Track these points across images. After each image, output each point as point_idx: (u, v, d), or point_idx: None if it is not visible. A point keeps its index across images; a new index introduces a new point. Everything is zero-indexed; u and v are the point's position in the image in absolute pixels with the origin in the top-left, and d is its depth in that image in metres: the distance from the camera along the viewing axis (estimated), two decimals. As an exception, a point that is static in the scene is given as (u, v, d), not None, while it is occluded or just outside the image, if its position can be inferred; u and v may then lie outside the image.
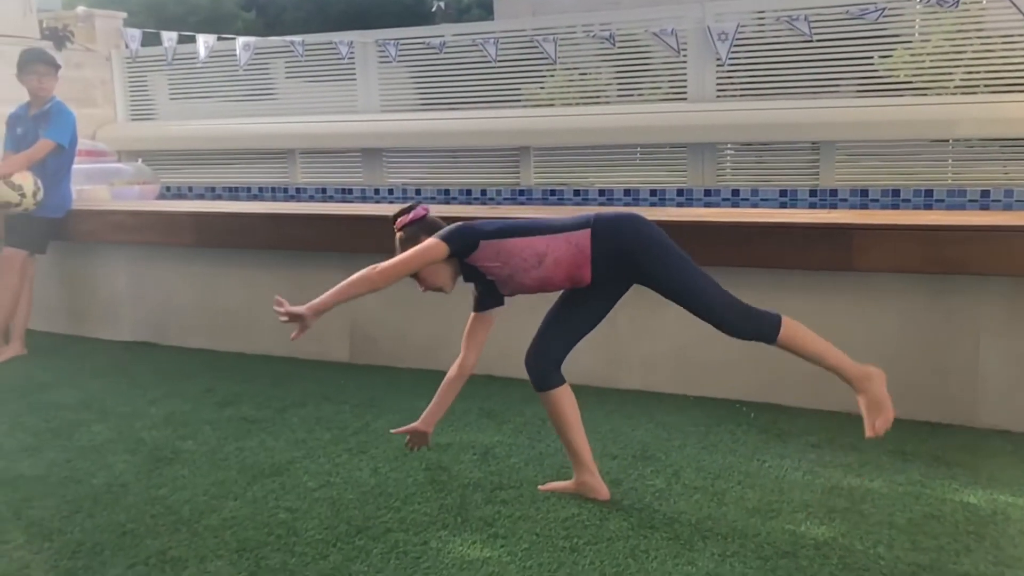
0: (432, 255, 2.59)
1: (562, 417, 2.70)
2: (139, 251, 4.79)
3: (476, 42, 6.36)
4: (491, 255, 2.61)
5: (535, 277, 2.60)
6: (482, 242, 2.61)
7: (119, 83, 7.75)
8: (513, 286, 2.67)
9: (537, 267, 2.58)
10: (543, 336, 2.78)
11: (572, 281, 2.63)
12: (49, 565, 2.33)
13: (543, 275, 2.59)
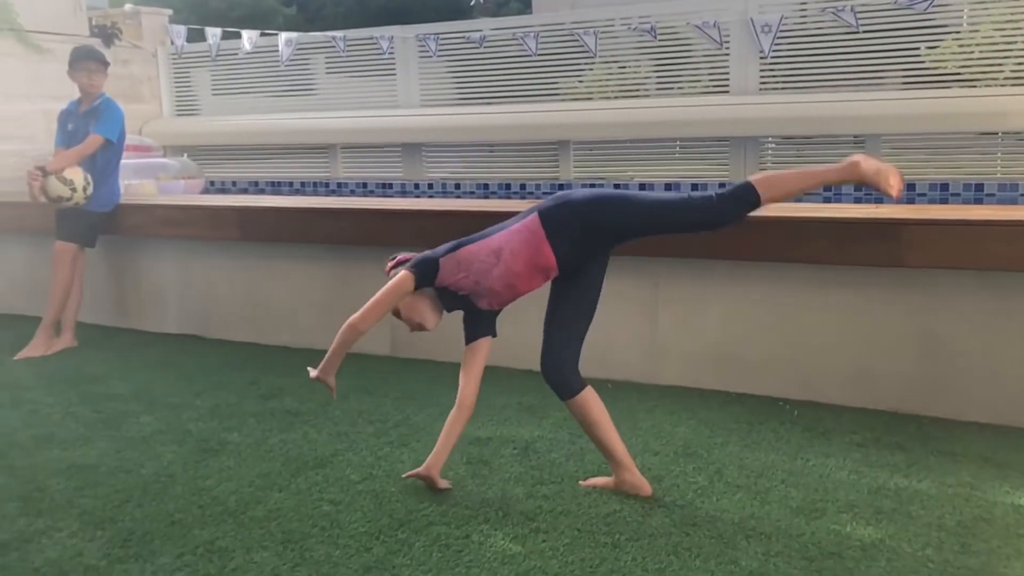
0: (401, 287, 2.62)
1: (591, 418, 2.70)
2: (185, 245, 4.87)
3: (516, 36, 6.36)
4: (453, 269, 2.63)
5: (499, 275, 2.60)
6: (441, 260, 2.63)
7: (164, 79, 7.88)
8: (484, 293, 2.66)
9: (497, 263, 2.59)
10: (550, 346, 2.76)
11: (539, 269, 2.60)
12: (102, 553, 2.38)
13: (505, 270, 2.59)
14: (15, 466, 2.99)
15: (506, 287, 2.64)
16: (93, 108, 4.70)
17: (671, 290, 3.70)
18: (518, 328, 4.00)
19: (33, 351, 4.48)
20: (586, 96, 6.43)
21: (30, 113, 6.58)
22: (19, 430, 3.35)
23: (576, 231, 2.58)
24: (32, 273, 5.30)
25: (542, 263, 2.59)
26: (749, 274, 3.55)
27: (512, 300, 2.74)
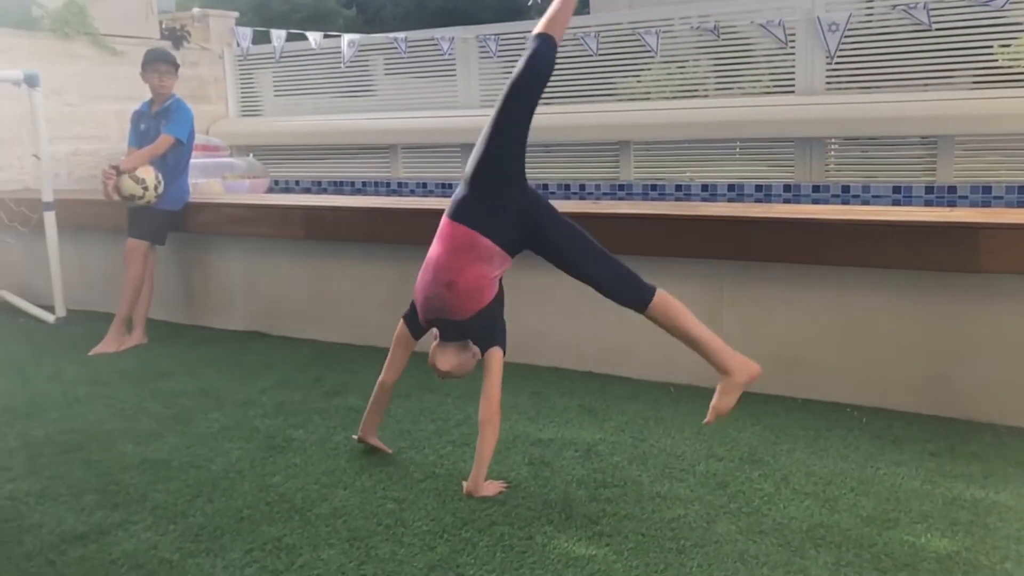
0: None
1: (678, 319, 2.70)
2: (251, 243, 4.97)
3: (577, 36, 6.33)
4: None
5: (462, 298, 2.67)
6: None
7: (230, 80, 8.05)
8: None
9: (451, 293, 2.67)
10: (597, 282, 2.76)
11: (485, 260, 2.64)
12: (175, 547, 2.44)
13: (462, 291, 2.66)
14: (92, 459, 3.09)
15: (474, 298, 2.66)
16: (164, 109, 4.82)
17: (736, 293, 3.65)
18: (577, 329, 4.00)
19: (106, 347, 4.62)
20: (644, 96, 6.38)
21: (104, 113, 6.79)
22: (95, 424, 3.46)
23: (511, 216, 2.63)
24: (106, 270, 5.47)
25: (484, 255, 2.62)
26: (816, 278, 3.47)
27: (492, 292, 2.71)
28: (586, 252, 2.72)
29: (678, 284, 3.73)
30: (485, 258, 2.65)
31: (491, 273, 2.68)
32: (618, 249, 3.80)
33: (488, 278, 2.68)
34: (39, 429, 3.41)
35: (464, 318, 2.71)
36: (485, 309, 2.71)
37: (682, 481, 2.78)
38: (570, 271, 2.76)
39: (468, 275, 2.65)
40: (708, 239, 3.60)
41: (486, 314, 2.73)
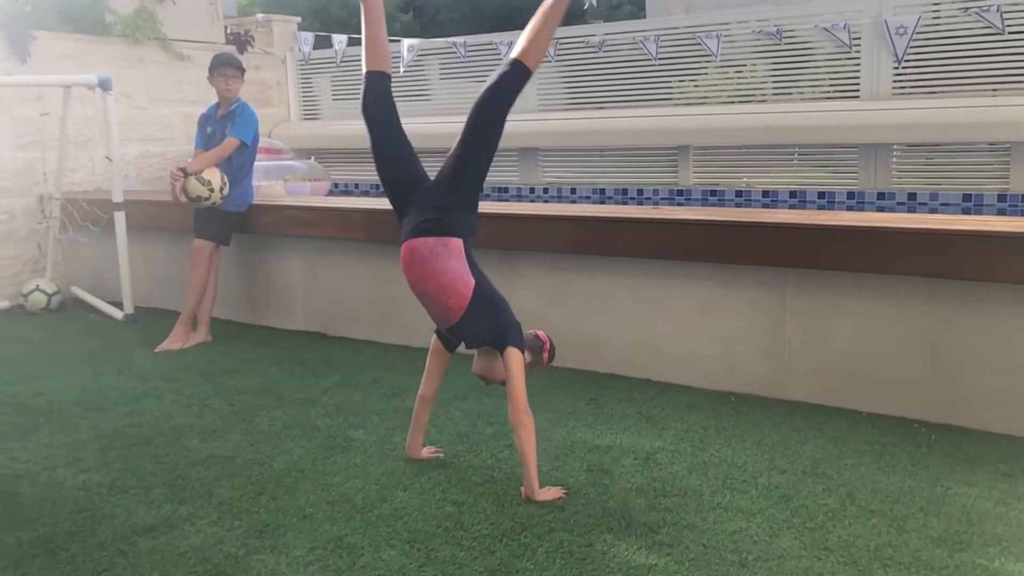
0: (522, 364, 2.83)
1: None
2: (313, 245, 5.04)
3: (636, 39, 6.30)
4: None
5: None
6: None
7: (292, 84, 8.20)
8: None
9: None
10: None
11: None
12: (240, 542, 2.49)
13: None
14: (160, 453, 3.17)
15: (452, 295, 2.78)
16: (230, 112, 4.93)
17: (799, 301, 3.58)
18: (634, 335, 3.97)
19: (171, 344, 4.73)
20: (700, 100, 6.32)
21: (171, 116, 6.97)
22: (162, 420, 3.55)
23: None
24: (172, 269, 5.61)
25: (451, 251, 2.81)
26: (883, 287, 3.39)
27: (466, 285, 2.79)
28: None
29: (739, 291, 3.70)
30: (451, 254, 2.78)
31: (454, 267, 2.77)
32: (679, 255, 3.80)
33: (453, 272, 2.76)
34: (109, 422, 3.52)
35: (456, 319, 2.80)
36: (472, 307, 2.77)
37: (743, 493, 2.74)
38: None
39: (435, 278, 2.77)
40: (771, 246, 3.54)
41: (476, 312, 2.78)
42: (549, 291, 4.23)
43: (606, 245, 3.99)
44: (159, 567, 2.36)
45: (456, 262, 2.78)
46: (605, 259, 4.03)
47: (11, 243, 6.02)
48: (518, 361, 2.78)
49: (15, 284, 5.94)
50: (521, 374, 2.77)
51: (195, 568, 2.35)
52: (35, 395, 3.91)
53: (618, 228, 3.98)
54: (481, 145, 2.85)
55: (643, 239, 3.88)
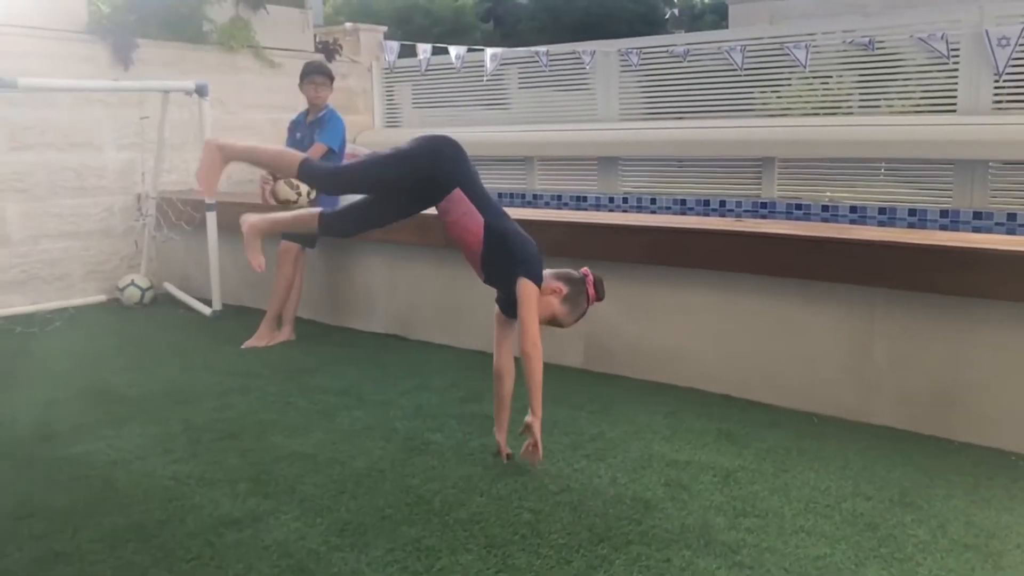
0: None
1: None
2: (394, 250, 5.13)
3: (721, 49, 6.23)
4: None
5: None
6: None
7: (377, 92, 8.36)
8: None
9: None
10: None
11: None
12: (321, 539, 2.54)
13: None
14: (246, 448, 3.27)
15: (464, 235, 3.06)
16: (319, 119, 5.06)
17: (889, 323, 3.47)
18: (715, 350, 3.91)
19: (257, 342, 4.87)
20: (783, 112, 6.21)
21: (261, 122, 7.19)
22: (247, 415, 3.65)
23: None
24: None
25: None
26: (981, 312, 3.26)
27: (475, 224, 3.02)
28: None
29: (825, 309, 3.61)
30: (457, 203, 3.03)
31: (463, 211, 3.01)
32: (763, 269, 3.73)
33: (463, 216, 3.01)
34: (198, 416, 3.64)
35: (479, 261, 3.04)
36: (487, 244, 2.99)
37: (827, 518, 2.67)
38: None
39: (452, 228, 3.08)
40: (861, 264, 3.45)
41: (492, 250, 2.99)
42: (627, 302, 4.20)
43: (687, 257, 3.95)
44: (244, 559, 2.42)
45: (463, 207, 3.01)
46: (686, 271, 3.99)
47: (109, 239, 6.30)
48: (529, 293, 2.88)
49: (112, 278, 6.21)
50: (533, 307, 2.87)
51: (278, 562, 2.41)
52: (129, 386, 4.07)
53: (699, 240, 3.93)
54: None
55: (725, 252, 3.82)
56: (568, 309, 2.98)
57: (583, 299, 3.01)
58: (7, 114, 5.71)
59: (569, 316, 3.03)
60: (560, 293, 2.96)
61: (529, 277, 2.90)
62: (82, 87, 5.72)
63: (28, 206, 5.89)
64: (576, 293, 3.00)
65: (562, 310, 3.01)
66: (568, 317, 3.03)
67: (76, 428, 3.49)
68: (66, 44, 6.02)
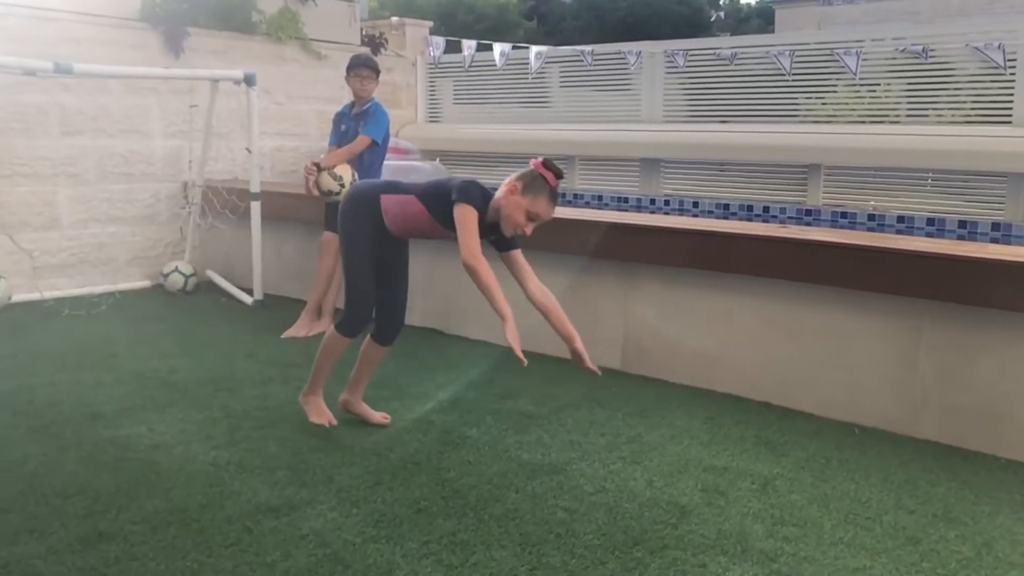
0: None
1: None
2: (434, 244, 5.09)
3: (770, 54, 6.16)
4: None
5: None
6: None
7: (421, 87, 8.40)
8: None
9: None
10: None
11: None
12: (357, 530, 2.56)
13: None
14: (284, 438, 3.30)
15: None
16: (364, 111, 5.08)
17: (937, 335, 3.41)
18: (755, 356, 3.87)
19: (297, 331, 4.92)
20: (828, 119, 6.13)
21: (305, 113, 7.26)
22: (286, 404, 3.69)
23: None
24: (301, 259, 5.83)
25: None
26: (1032, 326, 3.19)
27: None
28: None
29: (870, 319, 3.55)
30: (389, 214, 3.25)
31: (395, 212, 3.24)
32: (808, 277, 3.68)
33: (399, 215, 3.23)
34: (238, 403, 3.69)
35: (438, 224, 3.19)
36: (428, 207, 3.16)
37: (868, 530, 2.63)
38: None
39: (406, 229, 3.30)
40: (910, 275, 3.38)
41: (434, 205, 3.15)
42: (667, 305, 4.18)
43: (730, 262, 3.91)
44: (281, 547, 2.45)
45: (394, 208, 3.22)
46: (728, 276, 3.95)
47: (155, 225, 6.41)
48: (462, 214, 3.03)
49: (156, 264, 6.31)
50: (467, 225, 3.02)
51: (315, 551, 2.43)
52: (171, 372, 4.14)
53: (743, 245, 3.89)
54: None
55: (770, 258, 3.78)
56: (531, 197, 3.05)
57: (540, 183, 3.06)
58: (61, 99, 5.83)
59: (536, 203, 3.06)
60: (516, 189, 3.05)
61: (461, 201, 3.04)
62: (135, 74, 5.82)
63: (78, 190, 6.01)
64: (530, 181, 3.06)
65: (526, 200, 3.05)
66: (537, 205, 3.06)
67: (120, 411, 3.56)
68: (119, 31, 6.12)
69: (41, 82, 5.54)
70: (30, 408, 3.56)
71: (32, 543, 2.42)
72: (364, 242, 3.27)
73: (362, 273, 3.29)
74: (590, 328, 4.45)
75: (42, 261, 5.81)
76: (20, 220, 5.72)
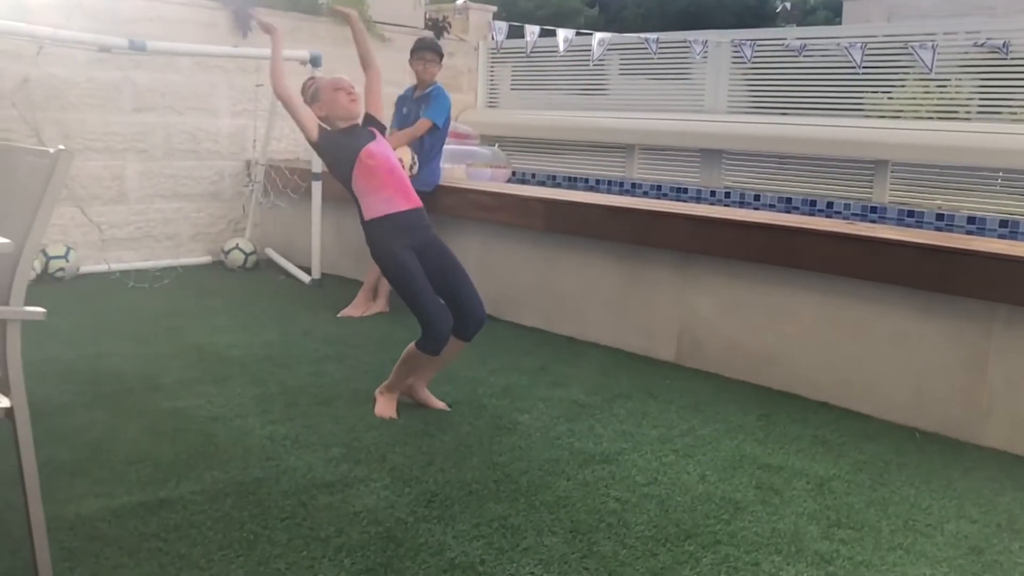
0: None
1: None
2: (490, 229, 5.15)
3: (840, 46, 6.01)
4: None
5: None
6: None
7: (482, 72, 8.39)
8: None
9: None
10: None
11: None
12: (409, 509, 2.58)
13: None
14: (339, 415, 3.34)
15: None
16: (426, 95, 5.10)
17: (1009, 340, 3.30)
18: (814, 355, 3.78)
19: (353, 311, 4.98)
20: (895, 114, 5.96)
21: (367, 96, 7.29)
22: (342, 383, 3.74)
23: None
24: (359, 241, 5.85)
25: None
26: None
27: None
28: None
29: (937, 321, 3.45)
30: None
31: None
32: (874, 275, 3.60)
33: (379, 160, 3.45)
34: (294, 380, 3.74)
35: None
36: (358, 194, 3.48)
37: (928, 537, 2.56)
38: None
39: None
40: (982, 277, 3.28)
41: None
42: (725, 299, 4.12)
43: (792, 257, 3.83)
44: (335, 523, 2.48)
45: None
46: (789, 271, 3.87)
47: (218, 202, 6.53)
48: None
49: (218, 241, 6.44)
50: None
51: (367, 529, 2.46)
52: (230, 347, 4.22)
53: (807, 240, 3.80)
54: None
55: (834, 255, 3.69)
56: (321, 101, 3.41)
57: (318, 86, 3.46)
58: (133, 76, 5.97)
59: (328, 100, 3.40)
60: (312, 108, 3.40)
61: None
62: (205, 52, 5.91)
63: (146, 166, 6.15)
64: (313, 94, 3.44)
65: (319, 105, 3.41)
66: (329, 101, 3.40)
67: (180, 382, 3.64)
68: (190, 9, 6.23)
69: (116, 59, 5.67)
70: (96, 376, 3.67)
71: (97, 507, 2.50)
72: (399, 259, 3.32)
73: (417, 289, 3.28)
74: (645, 319, 4.42)
75: (110, 234, 5.97)
76: (91, 193, 5.88)
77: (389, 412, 3.36)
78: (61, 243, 5.57)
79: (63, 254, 5.49)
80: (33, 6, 5.45)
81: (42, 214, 1.96)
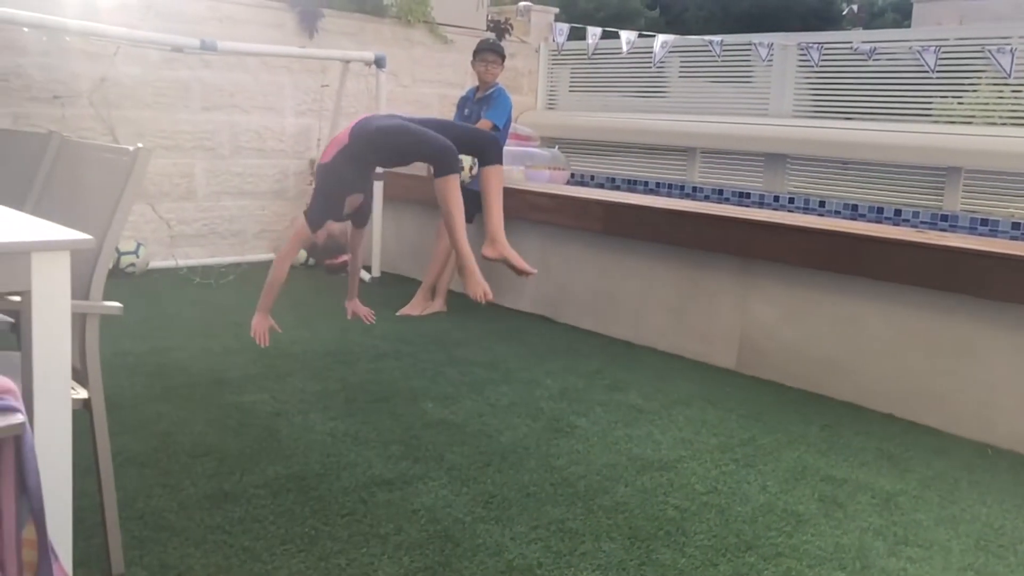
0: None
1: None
2: (548, 231, 5.14)
3: (912, 50, 5.85)
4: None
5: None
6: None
7: (542, 73, 8.39)
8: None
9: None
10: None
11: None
12: (467, 509, 2.59)
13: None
14: (398, 412, 3.37)
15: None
16: (487, 96, 5.12)
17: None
18: (880, 366, 3.69)
19: (411, 310, 5.02)
20: (966, 120, 5.77)
21: (429, 96, 7.37)
22: (400, 380, 3.77)
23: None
24: (418, 240, 5.94)
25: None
26: None
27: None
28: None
29: (1012, 335, 3.34)
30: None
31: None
32: (943, 285, 3.49)
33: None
34: (354, 376, 3.79)
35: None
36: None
37: (1000, 558, 2.48)
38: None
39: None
40: (1060, 289, 3.16)
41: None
42: (787, 306, 4.04)
43: (858, 265, 3.74)
44: (393, 520, 2.50)
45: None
46: (854, 279, 3.79)
47: (283, 200, 6.66)
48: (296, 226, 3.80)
49: (281, 239, 6.55)
50: (293, 238, 3.84)
51: (426, 527, 2.47)
52: (292, 343, 4.29)
53: (874, 248, 3.71)
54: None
55: (903, 263, 3.60)
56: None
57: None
58: (202, 75, 6.11)
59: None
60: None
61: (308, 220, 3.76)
62: (273, 52, 6.03)
63: (213, 164, 6.30)
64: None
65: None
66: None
67: (244, 377, 3.72)
68: (258, 10, 6.36)
69: (186, 58, 5.82)
70: (163, 370, 3.77)
71: (165, 497, 2.56)
72: (349, 169, 3.67)
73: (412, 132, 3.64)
74: (705, 325, 4.37)
75: (178, 230, 6.13)
76: (160, 190, 6.04)
77: (480, 288, 3.61)
78: (131, 239, 5.73)
79: (133, 249, 5.65)
80: (106, 7, 5.62)
81: (121, 210, 2.02)
